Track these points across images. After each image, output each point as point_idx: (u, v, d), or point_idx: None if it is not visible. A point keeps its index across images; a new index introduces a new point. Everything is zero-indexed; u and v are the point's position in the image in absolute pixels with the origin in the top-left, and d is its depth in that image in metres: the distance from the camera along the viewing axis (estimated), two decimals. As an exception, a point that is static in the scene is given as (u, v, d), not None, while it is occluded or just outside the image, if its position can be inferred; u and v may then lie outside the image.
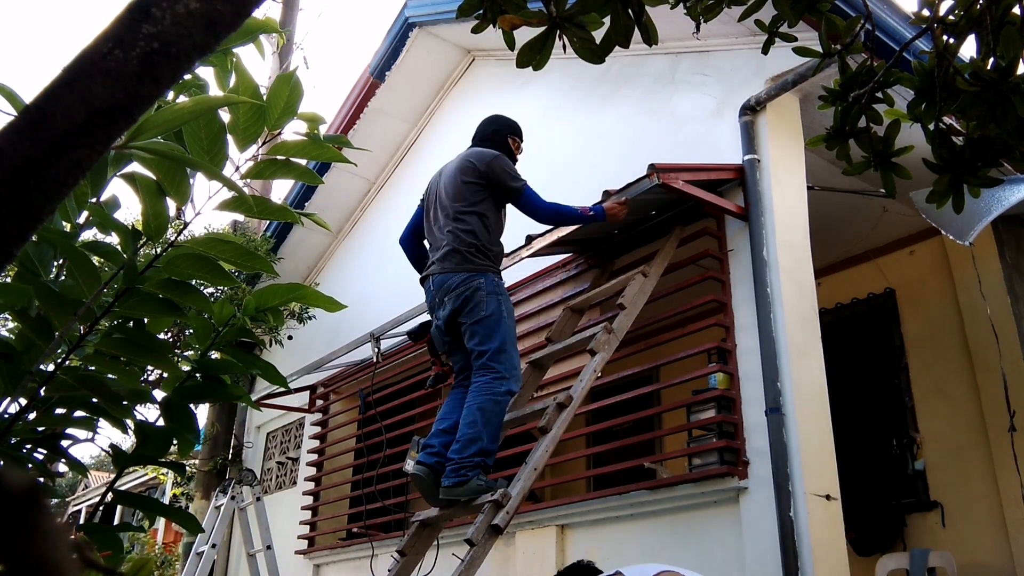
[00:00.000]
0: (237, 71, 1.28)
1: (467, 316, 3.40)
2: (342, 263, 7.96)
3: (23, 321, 1.19)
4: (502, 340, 3.38)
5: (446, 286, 3.46)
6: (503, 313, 3.42)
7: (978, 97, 1.74)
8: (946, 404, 5.19)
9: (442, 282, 3.47)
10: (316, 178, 1.44)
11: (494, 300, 3.41)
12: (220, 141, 1.20)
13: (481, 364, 3.38)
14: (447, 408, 3.59)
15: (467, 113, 6.75)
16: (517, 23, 1.61)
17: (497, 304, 3.42)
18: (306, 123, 1.35)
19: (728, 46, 4.47)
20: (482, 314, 3.37)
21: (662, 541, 3.86)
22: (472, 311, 3.38)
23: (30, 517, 0.41)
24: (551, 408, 3.43)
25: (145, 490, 15.78)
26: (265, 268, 1.32)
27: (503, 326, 3.40)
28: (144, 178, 1.20)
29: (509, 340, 3.42)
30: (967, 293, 5.13)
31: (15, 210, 0.68)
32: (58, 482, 22.86)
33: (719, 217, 4.10)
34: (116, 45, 0.70)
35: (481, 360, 3.37)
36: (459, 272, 3.44)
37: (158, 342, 1.29)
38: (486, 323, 3.37)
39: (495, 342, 3.36)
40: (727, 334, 3.89)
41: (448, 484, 3.23)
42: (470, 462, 3.23)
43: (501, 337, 3.38)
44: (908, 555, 4.62)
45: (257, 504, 5.59)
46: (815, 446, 3.48)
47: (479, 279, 3.42)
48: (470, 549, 3.06)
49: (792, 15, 1.85)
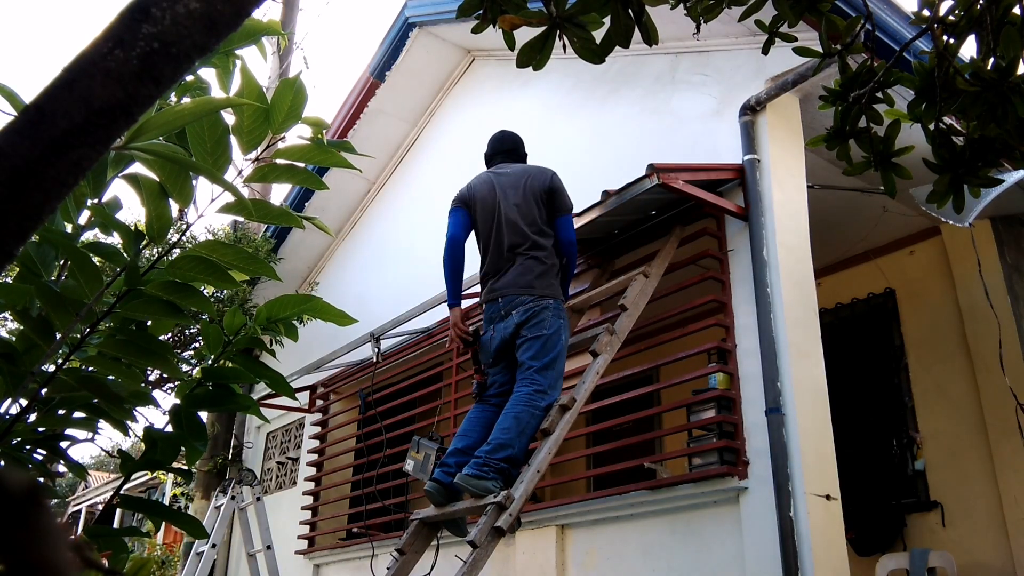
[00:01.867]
0: (242, 74, 1.28)
1: (529, 330, 3.49)
2: (342, 263, 7.96)
3: (24, 321, 1.19)
4: (554, 358, 3.48)
5: (517, 301, 3.55)
6: (562, 336, 3.54)
7: (978, 97, 1.74)
8: (946, 404, 5.19)
9: (512, 300, 3.57)
10: (320, 183, 1.44)
11: (558, 322, 3.53)
12: (224, 144, 1.20)
13: (527, 376, 3.44)
14: (469, 425, 3.62)
15: (467, 113, 6.75)
16: (517, 23, 1.61)
17: (560, 326, 3.53)
18: (310, 127, 1.35)
19: (728, 46, 4.47)
20: (545, 331, 3.47)
21: (662, 541, 3.86)
22: (536, 326, 3.49)
23: (30, 517, 0.41)
24: (554, 410, 3.43)
25: (145, 490, 15.78)
26: (268, 273, 1.32)
27: (560, 347, 3.51)
28: (147, 179, 1.20)
29: (560, 360, 3.53)
30: (967, 293, 5.13)
31: (15, 210, 0.68)
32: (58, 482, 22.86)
33: (719, 217, 4.10)
34: (116, 45, 0.70)
35: (529, 372, 3.45)
36: (532, 294, 3.55)
37: (159, 344, 1.29)
38: (545, 339, 3.47)
39: (548, 358, 3.46)
40: (727, 334, 3.89)
41: (468, 474, 3.26)
42: (496, 464, 3.26)
43: (554, 355, 3.48)
44: (908, 555, 4.63)
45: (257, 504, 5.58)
46: (815, 446, 3.47)
47: (550, 301, 3.56)
48: (473, 551, 3.06)
49: (792, 15, 1.85)
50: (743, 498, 3.57)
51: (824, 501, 3.40)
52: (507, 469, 3.28)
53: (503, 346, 3.60)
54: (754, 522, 3.48)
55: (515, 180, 3.74)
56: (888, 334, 5.65)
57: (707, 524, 3.71)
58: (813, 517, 3.31)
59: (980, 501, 4.88)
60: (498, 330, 3.60)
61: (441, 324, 5.78)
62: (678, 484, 3.82)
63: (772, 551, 3.34)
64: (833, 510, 3.43)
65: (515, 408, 3.38)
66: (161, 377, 6.93)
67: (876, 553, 4.93)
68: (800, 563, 3.24)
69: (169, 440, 1.28)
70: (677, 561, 3.76)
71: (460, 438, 3.57)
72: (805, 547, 3.26)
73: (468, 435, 3.55)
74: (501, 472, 3.27)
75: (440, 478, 3.45)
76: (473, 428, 3.57)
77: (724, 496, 3.65)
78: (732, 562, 3.53)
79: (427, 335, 5.90)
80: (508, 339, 3.57)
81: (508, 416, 3.37)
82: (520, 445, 3.33)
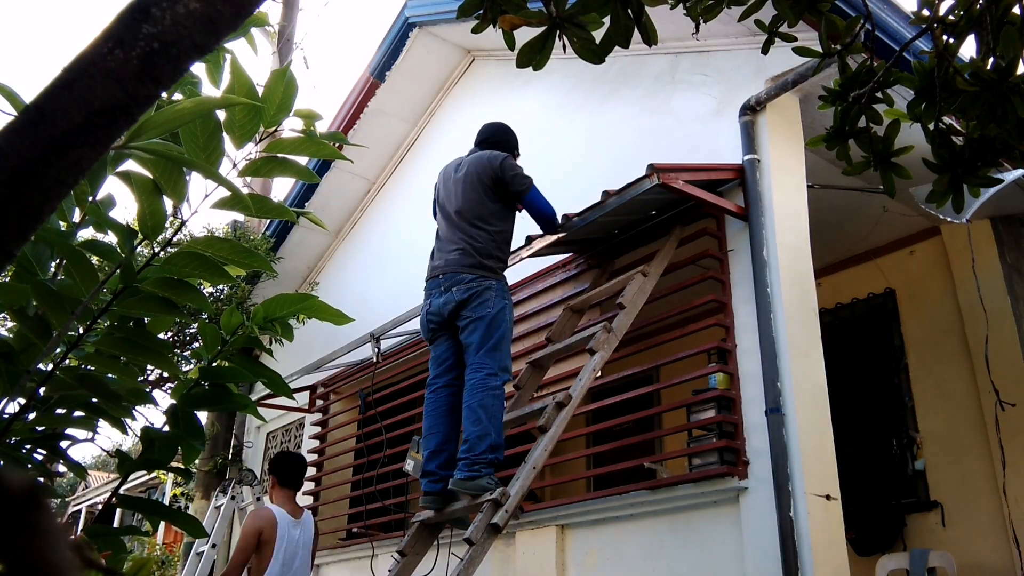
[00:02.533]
0: (232, 68, 1.28)
1: (472, 310, 3.49)
2: (342, 263, 7.96)
3: (21, 320, 1.19)
4: (500, 338, 3.48)
5: (458, 279, 3.55)
6: (506, 315, 3.54)
7: (978, 97, 1.74)
8: (946, 404, 5.19)
9: (454, 276, 3.57)
10: (313, 176, 1.44)
11: (501, 301, 3.54)
12: (216, 139, 1.20)
13: (476, 361, 3.45)
14: (430, 420, 3.62)
15: (467, 113, 6.75)
16: (517, 23, 1.61)
17: (503, 305, 3.54)
18: (302, 120, 1.35)
19: (728, 46, 4.47)
20: (488, 311, 3.47)
21: (662, 541, 3.86)
22: (478, 306, 3.48)
23: (30, 517, 0.40)
24: (550, 407, 3.44)
25: (145, 490, 15.78)
26: (263, 266, 1.32)
27: (504, 326, 3.51)
28: (140, 177, 1.20)
29: (506, 340, 3.53)
30: (967, 293, 5.13)
31: (15, 210, 0.68)
32: (58, 482, 22.86)
33: (719, 217, 4.09)
34: (116, 45, 0.70)
35: (477, 356, 3.44)
36: (473, 273, 3.56)
37: (157, 341, 1.29)
38: (489, 319, 3.47)
39: (493, 339, 3.45)
40: (727, 334, 3.89)
41: (461, 477, 3.28)
42: (483, 459, 3.28)
43: (500, 335, 3.48)
44: (908, 555, 4.62)
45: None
46: (815, 446, 3.47)
47: (491, 281, 3.56)
48: (469, 548, 3.06)
49: (792, 15, 1.85)
50: (743, 498, 3.57)
51: (824, 501, 3.40)
52: (494, 459, 3.31)
53: (441, 323, 3.60)
54: (754, 522, 3.48)
55: (466, 168, 3.80)
56: (888, 334, 5.65)
57: (707, 524, 3.71)
58: (813, 517, 3.31)
59: (980, 501, 4.88)
60: (435, 304, 3.59)
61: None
62: (678, 484, 3.82)
63: (772, 551, 3.34)
64: (833, 510, 3.43)
65: (475, 397, 3.38)
66: (160, 376, 6.93)
67: (876, 553, 4.93)
68: (800, 563, 3.25)
69: (167, 440, 1.28)
70: (677, 561, 3.76)
71: (429, 438, 3.58)
72: (805, 547, 3.26)
73: (435, 431, 3.57)
74: (491, 464, 3.30)
75: (430, 489, 3.47)
76: (436, 423, 3.59)
77: (724, 496, 3.65)
78: (732, 562, 3.53)
79: (427, 335, 5.90)
80: (447, 317, 3.56)
81: (472, 407, 3.37)
82: (494, 428, 3.35)
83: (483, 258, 3.60)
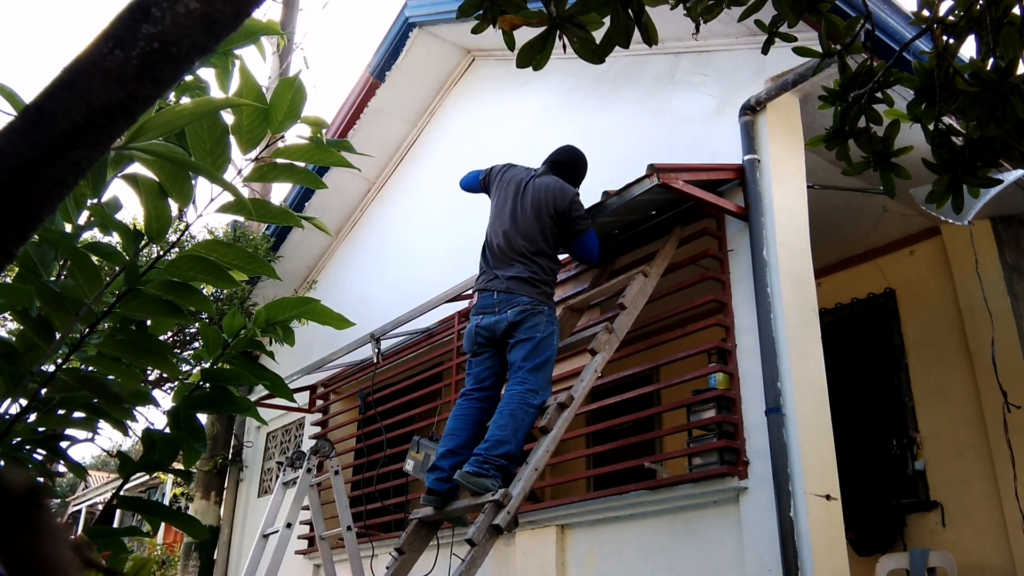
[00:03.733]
0: (241, 74, 1.28)
1: (523, 332, 3.56)
2: (342, 263, 7.96)
3: (24, 321, 1.19)
4: (545, 360, 3.55)
5: (513, 300, 3.62)
6: (554, 341, 3.62)
7: (978, 97, 1.74)
8: (946, 404, 5.19)
9: (508, 297, 3.63)
10: (319, 182, 1.44)
11: (551, 327, 3.62)
12: (223, 143, 1.20)
13: (519, 375, 3.49)
14: (457, 423, 3.63)
15: (467, 113, 6.75)
16: (517, 23, 1.61)
17: (552, 332, 3.62)
18: (309, 127, 1.35)
19: (728, 46, 4.47)
20: (539, 334, 3.55)
21: (662, 541, 3.86)
22: (530, 328, 3.56)
23: (30, 517, 0.41)
24: (552, 408, 3.44)
25: (145, 491, 15.78)
26: (267, 271, 1.33)
27: (551, 351, 3.59)
28: (146, 179, 1.20)
29: (550, 365, 3.60)
30: (967, 293, 5.13)
31: (15, 210, 0.68)
32: (58, 482, 22.86)
33: (719, 217, 4.09)
34: (116, 45, 0.70)
35: (521, 372, 3.50)
36: (529, 297, 3.63)
37: (159, 343, 1.29)
38: (538, 341, 3.54)
39: (539, 359, 3.52)
40: (727, 334, 3.89)
41: (469, 471, 3.29)
42: (496, 462, 3.29)
43: (546, 358, 3.56)
44: (908, 555, 4.62)
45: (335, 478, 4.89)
46: (815, 446, 3.47)
47: (544, 307, 3.64)
48: (471, 549, 3.06)
49: (792, 15, 1.85)
50: (743, 498, 3.57)
51: (824, 501, 3.40)
52: (506, 466, 3.31)
53: (489, 339, 3.64)
54: (754, 522, 3.48)
55: (537, 192, 3.84)
56: (888, 334, 5.65)
57: (707, 524, 3.71)
58: (813, 517, 3.31)
59: (980, 501, 4.87)
60: (487, 321, 3.63)
61: (441, 324, 5.78)
62: (678, 484, 3.82)
63: (772, 551, 3.34)
64: (833, 510, 3.43)
65: (510, 406, 3.41)
66: (161, 377, 6.93)
67: (876, 553, 4.93)
68: (800, 563, 3.24)
69: (168, 441, 1.28)
70: (677, 561, 3.76)
71: (449, 437, 3.59)
72: (805, 547, 3.26)
73: (457, 434, 3.58)
74: (501, 469, 3.29)
75: (436, 487, 3.46)
76: (461, 426, 3.60)
77: (724, 496, 3.65)
78: (732, 562, 3.53)
79: (427, 335, 5.91)
80: (498, 336, 3.61)
81: (504, 414, 3.40)
82: (517, 442, 3.36)
83: (539, 284, 3.68)
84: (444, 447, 3.56)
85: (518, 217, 3.79)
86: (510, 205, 3.85)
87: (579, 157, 4.12)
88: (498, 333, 3.61)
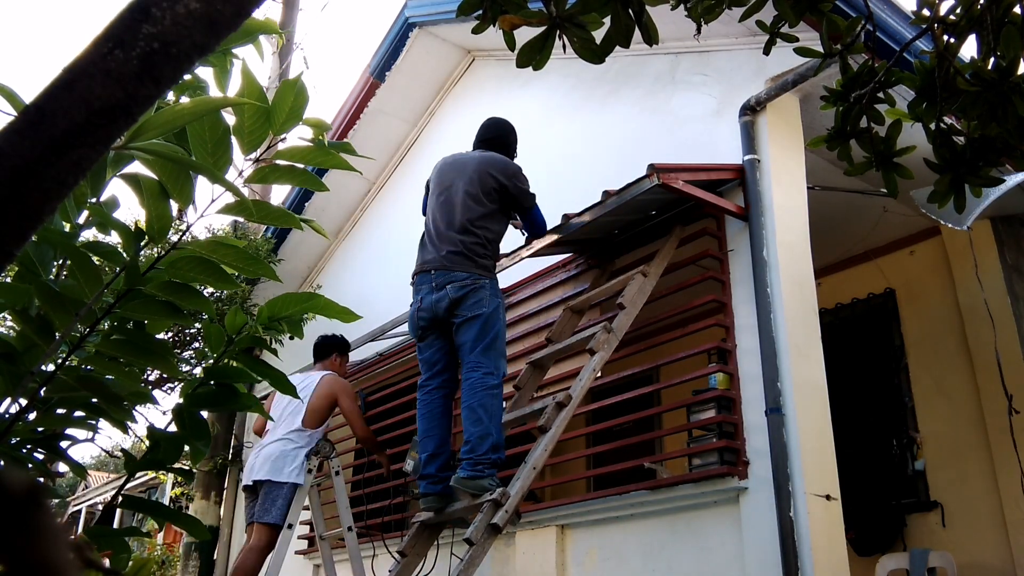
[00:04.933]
0: (242, 74, 1.28)
1: (467, 309, 3.49)
2: (342, 263, 7.96)
3: (24, 321, 1.19)
4: (495, 337, 3.49)
5: (452, 276, 3.55)
6: (500, 314, 3.56)
7: (979, 97, 1.74)
8: (946, 404, 5.19)
9: (447, 274, 3.57)
10: (320, 184, 1.43)
11: (495, 300, 3.55)
12: (224, 144, 1.20)
13: (472, 360, 3.45)
14: (426, 424, 3.61)
15: (467, 113, 6.75)
16: (517, 23, 1.61)
17: (497, 304, 3.55)
18: (311, 129, 1.34)
19: (728, 46, 4.47)
20: (483, 310, 3.48)
21: (662, 541, 3.85)
22: (473, 306, 3.49)
23: (30, 517, 0.40)
24: (550, 407, 3.44)
25: (145, 490, 15.78)
26: (267, 273, 1.32)
27: (499, 325, 3.53)
28: (147, 179, 1.20)
29: (500, 339, 3.55)
30: (967, 293, 5.13)
31: (15, 210, 0.68)
32: (58, 482, 22.86)
33: (719, 217, 4.09)
34: (116, 45, 0.70)
35: (472, 355, 3.45)
36: (468, 271, 3.56)
37: (158, 343, 1.29)
38: (484, 319, 3.48)
39: (488, 338, 3.47)
40: (727, 334, 3.89)
41: (463, 476, 3.29)
42: (486, 459, 3.29)
43: (495, 334, 3.49)
44: (908, 555, 4.62)
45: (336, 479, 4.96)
46: (815, 446, 3.47)
47: (485, 280, 3.56)
48: (469, 548, 3.06)
49: (793, 15, 1.85)
50: (743, 498, 3.56)
51: (824, 501, 3.40)
52: (497, 459, 3.32)
53: (433, 321, 3.58)
54: (754, 522, 3.48)
55: (472, 165, 3.77)
56: (888, 334, 5.65)
57: (707, 524, 3.71)
58: (813, 517, 3.31)
59: (980, 501, 4.87)
60: (427, 301, 3.57)
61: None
62: (678, 484, 3.82)
63: (772, 551, 3.34)
64: (833, 510, 3.43)
65: (474, 397, 3.38)
66: (161, 377, 6.93)
67: (876, 553, 4.93)
68: (800, 563, 3.24)
69: (172, 440, 1.28)
70: (677, 561, 3.75)
71: (426, 441, 3.57)
72: (805, 547, 3.26)
73: (432, 434, 3.57)
74: (493, 464, 3.30)
75: (429, 491, 3.47)
76: (432, 426, 3.59)
77: (724, 496, 3.65)
78: (732, 562, 3.53)
79: (427, 335, 5.90)
80: (441, 315, 3.55)
81: (472, 408, 3.37)
82: (495, 428, 3.36)
83: (478, 258, 3.60)
84: (424, 452, 3.56)
85: (453, 193, 3.71)
86: (445, 183, 3.79)
87: (504, 126, 4.05)
88: (440, 313, 3.53)
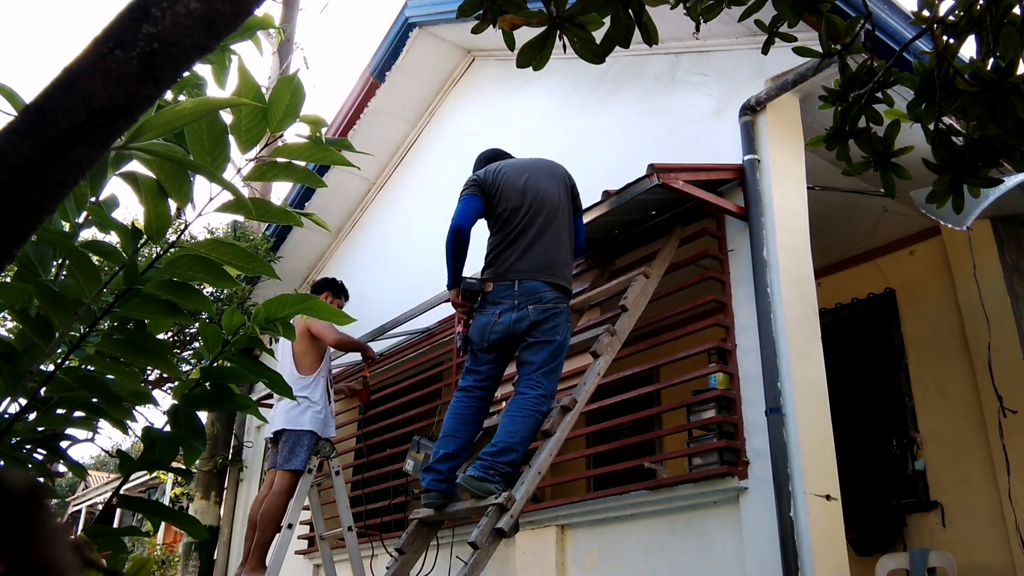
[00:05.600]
0: (240, 72, 1.28)
1: (543, 333, 3.40)
2: (342, 263, 7.96)
3: (23, 321, 1.19)
4: (559, 365, 3.47)
5: (537, 295, 3.42)
6: (567, 343, 3.52)
7: (978, 97, 1.74)
8: (946, 404, 5.19)
9: (534, 289, 3.43)
10: (319, 181, 1.43)
11: (567, 327, 3.51)
12: (222, 143, 1.20)
13: (533, 378, 3.38)
14: (456, 423, 3.48)
15: (467, 113, 6.75)
16: (517, 23, 1.61)
17: (568, 334, 3.51)
18: (308, 126, 1.34)
19: (728, 46, 4.47)
20: (557, 337, 3.43)
21: (662, 541, 3.86)
22: (550, 331, 3.41)
23: (30, 517, 0.40)
24: (555, 411, 3.43)
25: (145, 490, 15.78)
26: (266, 271, 1.32)
27: (564, 353, 3.51)
28: (146, 178, 1.20)
29: (562, 366, 3.52)
30: (967, 293, 5.13)
31: (15, 210, 0.68)
32: (58, 482, 22.86)
33: (719, 217, 4.09)
34: (116, 45, 0.70)
35: (536, 374, 3.38)
36: (554, 293, 3.46)
37: (158, 343, 1.28)
38: (557, 345, 3.43)
39: (555, 363, 3.43)
40: (727, 334, 3.89)
41: (472, 475, 3.21)
42: (501, 468, 3.23)
43: (560, 362, 3.48)
44: (908, 555, 4.62)
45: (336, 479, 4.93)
46: (815, 446, 3.47)
47: (565, 305, 3.51)
48: (474, 552, 3.06)
49: (792, 15, 1.85)
50: (743, 498, 3.57)
51: (824, 501, 3.40)
52: (511, 473, 3.25)
53: (505, 337, 3.43)
54: (754, 522, 3.48)
55: (544, 168, 3.76)
56: (888, 334, 5.65)
57: (707, 524, 3.71)
58: (813, 517, 3.31)
59: (980, 501, 4.87)
60: (505, 318, 3.42)
61: (441, 324, 5.78)
62: (678, 484, 3.82)
63: (772, 551, 3.34)
64: (833, 510, 3.43)
65: (521, 411, 3.31)
66: (161, 376, 6.93)
67: (876, 553, 4.93)
68: (800, 563, 3.24)
69: (168, 440, 1.28)
70: (677, 561, 3.75)
71: (448, 440, 3.44)
72: (805, 547, 3.26)
73: (456, 435, 3.45)
74: (505, 476, 3.23)
75: (434, 487, 3.41)
76: (460, 427, 3.46)
77: (724, 496, 3.65)
78: (732, 562, 3.53)
79: (427, 335, 5.90)
80: (516, 335, 3.41)
81: (515, 418, 3.30)
82: (523, 449, 3.30)
83: (564, 270, 3.52)
84: (443, 449, 3.42)
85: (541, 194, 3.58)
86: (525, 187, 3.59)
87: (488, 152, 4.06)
88: (517, 332, 3.40)
